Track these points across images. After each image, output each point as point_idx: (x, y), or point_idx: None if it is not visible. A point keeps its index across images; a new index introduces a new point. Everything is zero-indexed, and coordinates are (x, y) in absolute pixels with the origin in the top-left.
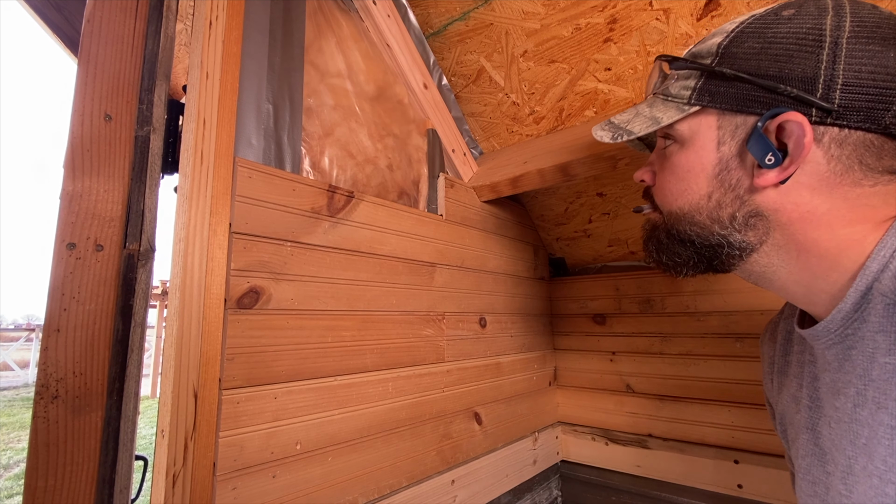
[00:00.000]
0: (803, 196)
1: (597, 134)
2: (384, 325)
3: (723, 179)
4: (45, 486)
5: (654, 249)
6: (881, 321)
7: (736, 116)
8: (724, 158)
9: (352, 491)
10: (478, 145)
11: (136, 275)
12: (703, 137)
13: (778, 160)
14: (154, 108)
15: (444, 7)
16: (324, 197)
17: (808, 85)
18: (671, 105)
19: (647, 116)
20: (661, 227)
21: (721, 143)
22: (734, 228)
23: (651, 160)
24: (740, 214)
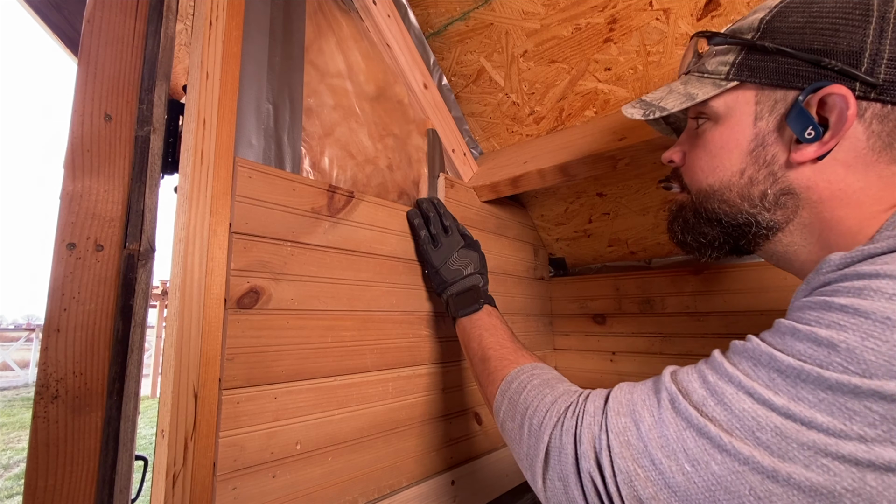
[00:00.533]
0: (838, 173)
1: (627, 112)
2: (384, 325)
3: (757, 156)
4: (45, 486)
5: (679, 230)
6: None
7: (776, 91)
8: (760, 134)
9: (352, 491)
10: (478, 145)
11: (136, 275)
12: (739, 113)
13: (818, 134)
14: (154, 108)
15: (444, 7)
16: (324, 197)
17: (853, 59)
18: (707, 81)
19: (682, 93)
20: (688, 206)
21: (758, 118)
22: (763, 207)
23: (680, 140)
24: (772, 192)
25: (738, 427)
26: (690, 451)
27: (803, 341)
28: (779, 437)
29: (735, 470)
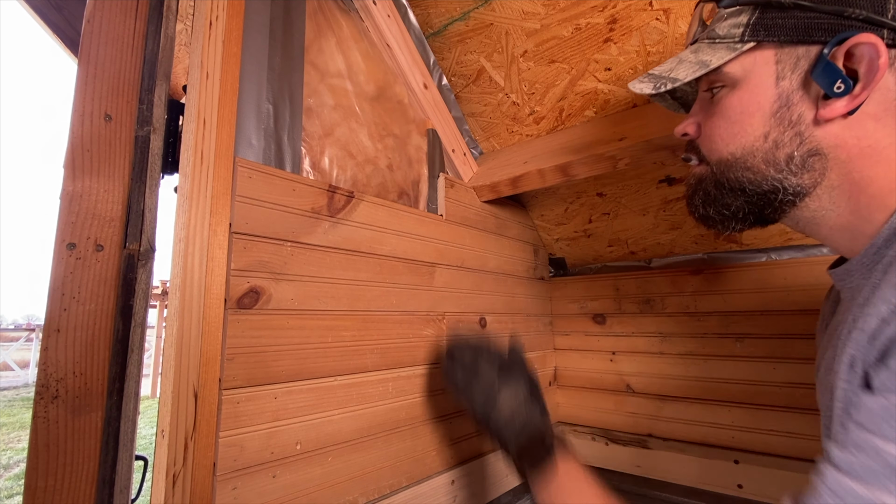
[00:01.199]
0: (867, 128)
1: (635, 87)
2: (384, 325)
3: (782, 116)
4: (45, 486)
5: (699, 203)
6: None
7: (797, 48)
8: (784, 93)
9: (352, 491)
10: (478, 145)
11: (136, 275)
12: (758, 75)
13: (848, 87)
14: (154, 108)
15: (444, 7)
16: (324, 197)
17: (878, 5)
18: (720, 46)
19: (693, 62)
20: (708, 178)
21: (780, 77)
22: (790, 171)
23: (693, 112)
24: (798, 154)
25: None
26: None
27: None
28: None
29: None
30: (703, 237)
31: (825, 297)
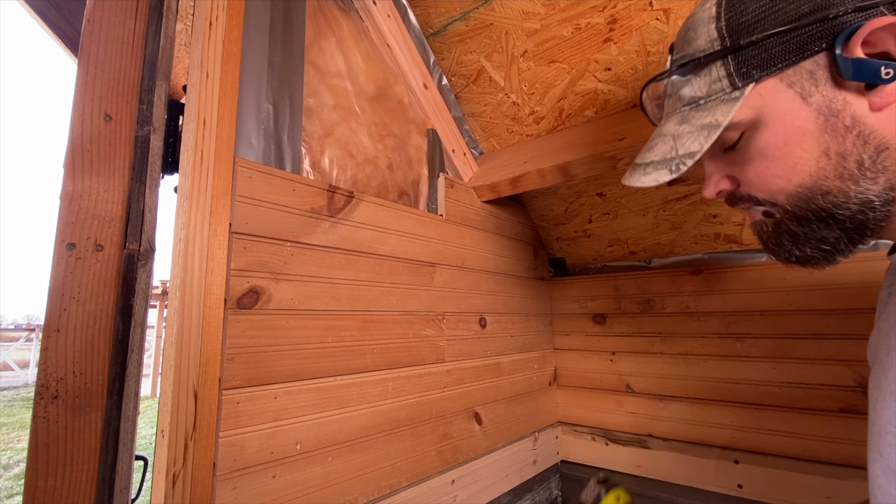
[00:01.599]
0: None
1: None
2: (384, 325)
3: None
4: (45, 486)
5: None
6: None
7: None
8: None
9: (352, 491)
10: (478, 145)
11: (136, 275)
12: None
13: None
14: (154, 108)
15: (444, 7)
16: (324, 197)
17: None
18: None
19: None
20: (785, 219)
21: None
22: (868, 179)
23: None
24: (867, 156)
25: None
26: None
27: None
28: None
29: None
30: (703, 237)
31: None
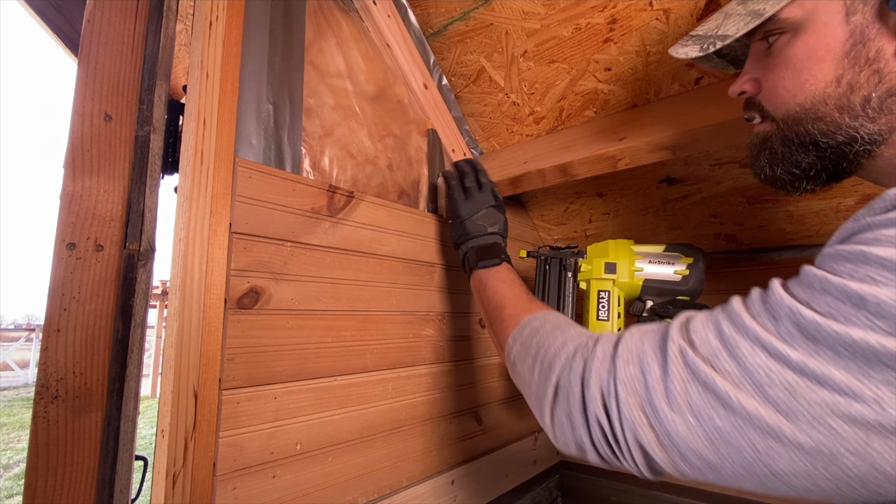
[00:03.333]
0: None
1: (679, 52)
2: (384, 325)
3: (857, 56)
4: (45, 486)
5: (766, 164)
6: None
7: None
8: (857, 29)
9: (352, 491)
10: (478, 145)
11: (136, 275)
12: (824, 14)
13: None
14: (154, 108)
15: (444, 7)
16: (324, 197)
17: None
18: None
19: (743, 14)
20: (774, 135)
21: (851, 12)
22: (866, 117)
23: (747, 68)
24: (876, 95)
25: (749, 382)
26: (695, 404)
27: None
28: (788, 394)
29: (738, 425)
30: (703, 237)
31: None
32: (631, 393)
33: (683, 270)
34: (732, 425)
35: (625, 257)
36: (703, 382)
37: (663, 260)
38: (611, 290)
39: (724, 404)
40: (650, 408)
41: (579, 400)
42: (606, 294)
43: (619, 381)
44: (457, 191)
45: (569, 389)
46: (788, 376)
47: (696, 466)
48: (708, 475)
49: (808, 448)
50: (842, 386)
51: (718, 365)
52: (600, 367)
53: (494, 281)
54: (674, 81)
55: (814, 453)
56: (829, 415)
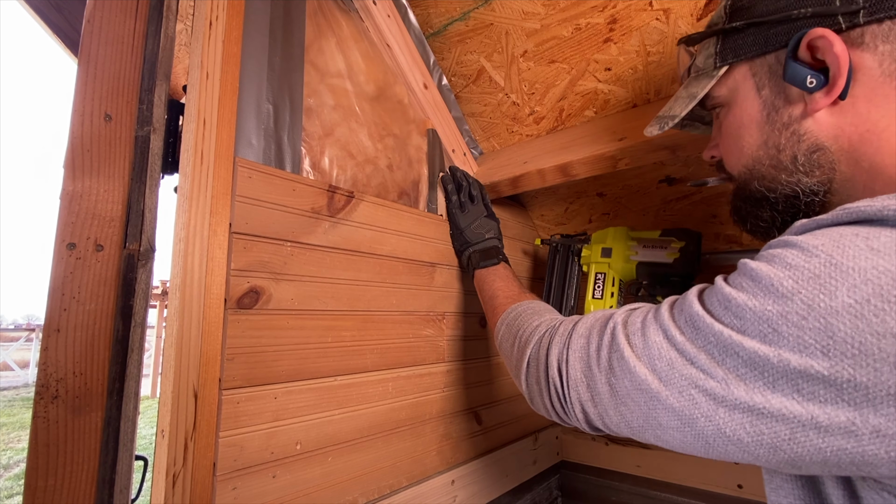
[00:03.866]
0: (860, 111)
1: (647, 131)
2: (384, 325)
3: (773, 121)
4: (45, 486)
5: (738, 219)
6: None
7: (766, 58)
8: (767, 100)
9: (352, 491)
10: (478, 145)
11: (136, 275)
12: (743, 90)
13: (820, 82)
14: (154, 108)
15: (444, 7)
16: (324, 197)
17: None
18: (702, 77)
19: (685, 96)
20: (736, 194)
21: (760, 87)
22: (800, 171)
23: (713, 136)
24: (801, 153)
25: (646, 355)
26: (613, 369)
27: (716, 295)
28: (669, 367)
29: (636, 387)
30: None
31: None
32: (577, 359)
33: (675, 253)
34: (633, 387)
35: (621, 243)
36: (620, 352)
37: (657, 245)
38: (606, 272)
39: (629, 370)
40: (587, 370)
41: (544, 367)
42: (602, 276)
43: (570, 349)
44: (454, 206)
45: (537, 360)
46: (672, 354)
47: (615, 422)
48: (623, 429)
49: (676, 409)
50: (704, 366)
51: (633, 340)
52: (559, 340)
53: (492, 277)
54: (674, 82)
55: (679, 415)
56: (692, 386)
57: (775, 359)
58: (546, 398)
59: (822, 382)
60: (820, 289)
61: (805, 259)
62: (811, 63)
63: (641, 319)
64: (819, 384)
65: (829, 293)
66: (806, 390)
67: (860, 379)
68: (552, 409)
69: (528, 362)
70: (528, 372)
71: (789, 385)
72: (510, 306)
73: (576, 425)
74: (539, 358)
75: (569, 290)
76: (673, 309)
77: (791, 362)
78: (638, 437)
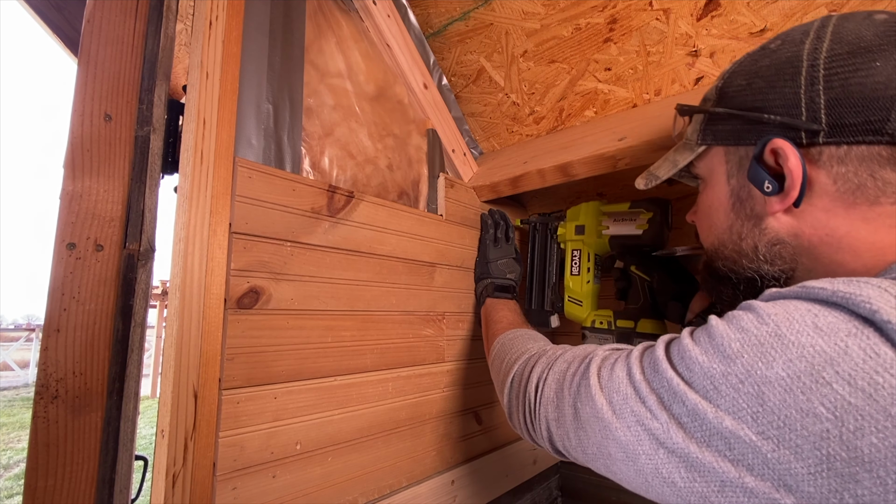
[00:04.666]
0: (819, 218)
1: (637, 183)
2: (384, 325)
3: (738, 210)
4: (45, 486)
5: (706, 289)
6: None
7: (738, 149)
8: (734, 190)
9: (352, 491)
10: (478, 145)
11: (136, 275)
12: (717, 173)
13: (776, 188)
14: (154, 108)
15: (444, 7)
16: (324, 197)
17: (792, 109)
18: (687, 148)
19: (671, 161)
20: (705, 265)
21: (730, 176)
22: (761, 260)
23: (696, 202)
24: (762, 244)
25: (607, 387)
26: (580, 395)
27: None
28: (623, 401)
29: (593, 415)
30: None
31: None
32: (554, 380)
33: (644, 225)
34: (591, 414)
35: (592, 218)
36: (587, 380)
37: (627, 217)
38: (581, 248)
39: (591, 397)
40: (560, 391)
41: (525, 383)
42: (578, 252)
43: (552, 370)
44: (489, 238)
45: (521, 376)
46: (629, 389)
47: (574, 445)
48: (580, 455)
49: (623, 443)
50: (652, 407)
51: (602, 372)
52: (545, 361)
53: (501, 306)
54: (674, 82)
55: (626, 448)
56: (639, 424)
57: (712, 416)
58: (521, 413)
59: (750, 448)
60: (760, 356)
61: (756, 325)
62: (774, 168)
63: (616, 357)
64: (748, 449)
65: (767, 362)
66: (737, 451)
67: (783, 452)
68: (524, 425)
69: (513, 378)
70: (510, 386)
71: (723, 443)
72: (509, 330)
73: (542, 445)
74: (522, 375)
75: (549, 268)
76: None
77: (725, 422)
78: (592, 466)
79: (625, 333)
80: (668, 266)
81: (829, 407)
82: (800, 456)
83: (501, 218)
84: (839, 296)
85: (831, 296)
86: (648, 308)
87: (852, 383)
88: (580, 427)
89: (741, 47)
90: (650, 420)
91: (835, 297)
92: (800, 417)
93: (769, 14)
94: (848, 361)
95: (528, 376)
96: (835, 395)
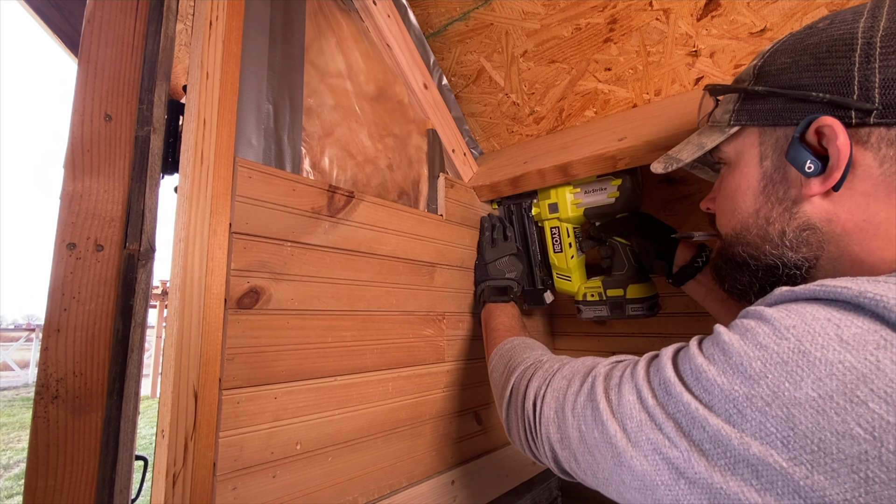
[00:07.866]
0: (858, 203)
1: (652, 166)
2: (384, 325)
3: (769, 194)
4: (45, 486)
5: (718, 278)
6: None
7: (776, 130)
8: (767, 172)
9: (352, 491)
10: (478, 145)
11: (137, 275)
12: (747, 155)
13: (818, 168)
14: (154, 108)
15: (444, 7)
16: (324, 197)
17: (843, 88)
18: (716, 129)
19: (696, 143)
20: (719, 253)
21: (763, 157)
22: (786, 246)
23: (714, 188)
24: (790, 229)
25: (619, 412)
26: (585, 418)
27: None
28: (637, 428)
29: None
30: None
31: None
32: (553, 398)
33: (615, 192)
34: (602, 439)
35: (564, 194)
36: (595, 403)
37: (597, 187)
38: (559, 225)
39: (601, 422)
40: (561, 411)
41: (521, 398)
42: (556, 230)
43: (550, 387)
44: (486, 241)
45: (518, 389)
46: (643, 416)
47: (583, 468)
48: (589, 478)
49: (639, 472)
50: (670, 435)
51: (610, 395)
52: (542, 375)
53: (499, 311)
54: (674, 81)
55: (643, 478)
56: (656, 452)
57: (737, 441)
58: (521, 430)
59: (780, 474)
60: (786, 376)
61: (775, 341)
62: (816, 148)
63: (620, 374)
64: (777, 475)
65: (794, 383)
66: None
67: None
68: (525, 443)
69: (511, 391)
70: (509, 401)
71: (749, 470)
72: (507, 338)
73: (546, 464)
74: (519, 388)
75: (532, 248)
76: (650, 367)
77: (751, 448)
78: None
79: (616, 302)
80: (645, 225)
81: (867, 427)
82: (836, 481)
83: (499, 220)
84: (867, 297)
85: (857, 296)
86: (635, 273)
87: (889, 401)
88: (588, 451)
89: (741, 47)
90: (669, 448)
91: (861, 297)
92: (835, 440)
93: (769, 14)
94: (882, 377)
95: (524, 390)
96: (871, 414)
